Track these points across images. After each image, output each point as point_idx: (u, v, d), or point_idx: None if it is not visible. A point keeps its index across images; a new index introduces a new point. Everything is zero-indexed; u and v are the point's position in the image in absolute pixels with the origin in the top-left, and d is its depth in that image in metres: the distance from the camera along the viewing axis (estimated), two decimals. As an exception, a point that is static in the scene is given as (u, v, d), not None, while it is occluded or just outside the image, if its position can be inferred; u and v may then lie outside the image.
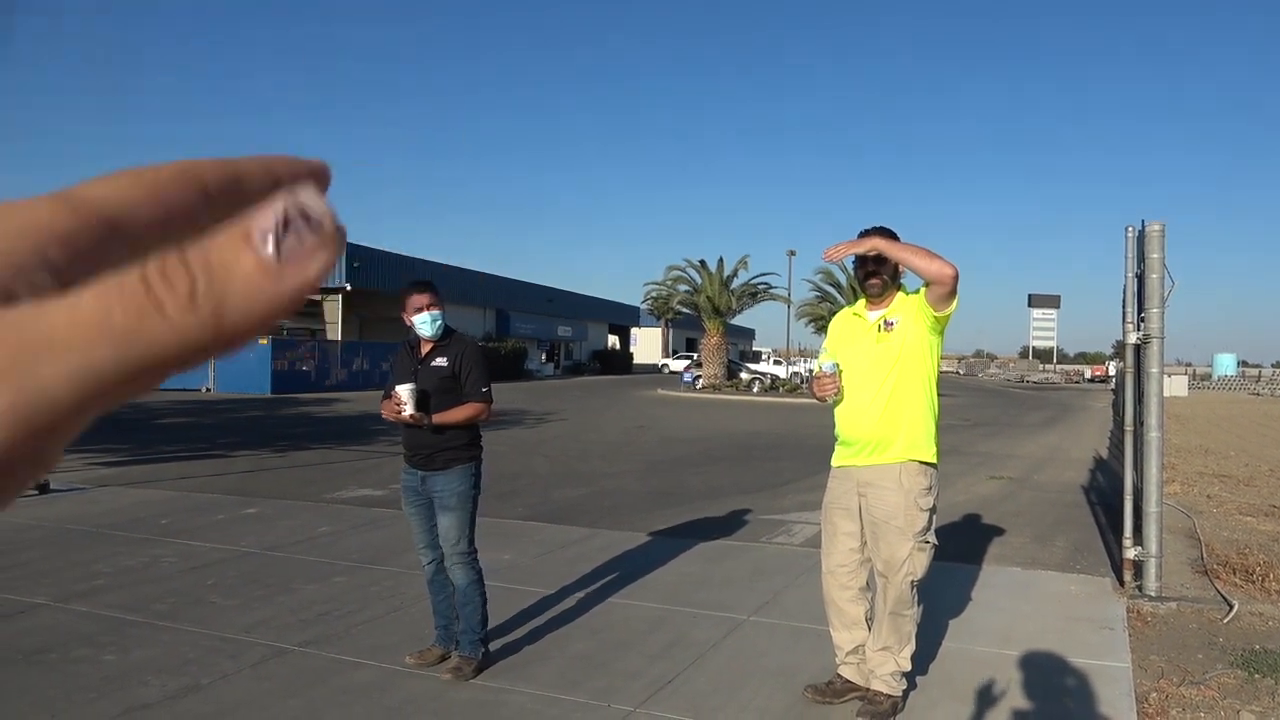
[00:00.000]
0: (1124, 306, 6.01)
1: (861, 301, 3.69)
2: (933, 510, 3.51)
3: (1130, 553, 5.47)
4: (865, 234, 3.54)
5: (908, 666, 3.53)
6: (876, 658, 3.52)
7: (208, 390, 28.43)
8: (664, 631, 4.51)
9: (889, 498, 3.46)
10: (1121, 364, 6.47)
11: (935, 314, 3.39)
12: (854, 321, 3.67)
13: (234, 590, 5.12)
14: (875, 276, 3.55)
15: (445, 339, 4.05)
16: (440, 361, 3.99)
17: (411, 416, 3.83)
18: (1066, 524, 7.79)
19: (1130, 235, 5.85)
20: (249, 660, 3.98)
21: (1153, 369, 5.44)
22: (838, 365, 3.61)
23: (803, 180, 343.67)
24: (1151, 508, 5.36)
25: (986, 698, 3.71)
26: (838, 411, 3.63)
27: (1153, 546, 5.33)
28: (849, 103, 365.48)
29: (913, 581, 3.47)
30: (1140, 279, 5.55)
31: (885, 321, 3.51)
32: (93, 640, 4.21)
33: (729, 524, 7.49)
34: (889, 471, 3.46)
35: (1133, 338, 5.64)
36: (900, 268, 3.53)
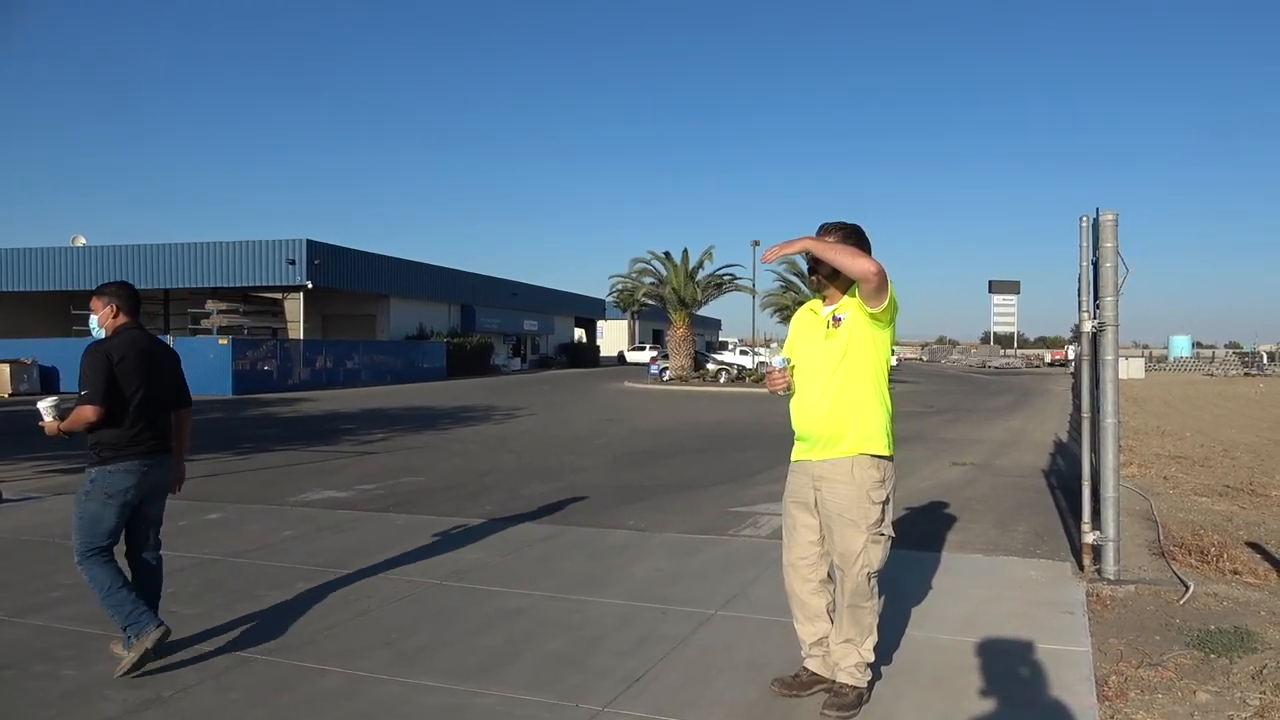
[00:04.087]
0: (1079, 295, 6.10)
1: (819, 298, 3.73)
2: (886, 502, 3.53)
3: (1089, 537, 5.58)
4: (823, 229, 3.59)
5: (871, 658, 3.56)
6: (839, 650, 3.56)
7: (167, 392, 27.92)
8: (633, 628, 4.52)
9: (841, 491, 3.49)
10: (1080, 348, 6.59)
11: (869, 310, 3.44)
12: (809, 317, 3.71)
13: (196, 598, 5.04)
14: (813, 273, 3.64)
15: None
16: None
17: (45, 425, 3.99)
18: (1028, 509, 7.93)
19: (1085, 224, 5.94)
20: (212, 671, 3.93)
21: (1108, 356, 5.54)
22: (788, 360, 3.69)
23: (766, 169, 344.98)
24: (1109, 493, 5.47)
25: (951, 685, 3.77)
26: (791, 406, 3.68)
27: (1110, 531, 5.44)
28: (811, 90, 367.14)
29: (869, 574, 3.49)
30: (1095, 267, 5.64)
31: (834, 318, 3.56)
32: (51, 655, 4.13)
33: (697, 517, 7.51)
34: (841, 465, 3.50)
35: (1088, 325, 5.73)
36: None
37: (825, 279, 3.60)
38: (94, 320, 4.21)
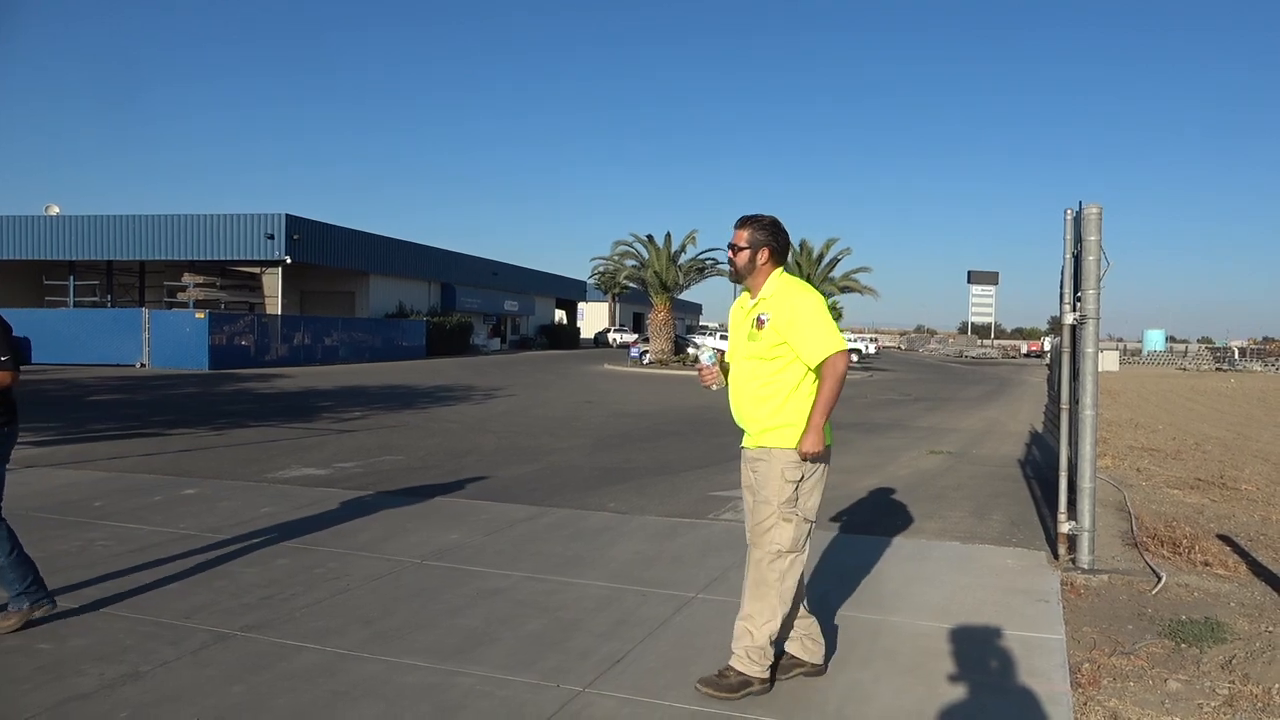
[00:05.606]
0: (1061, 287, 6.15)
1: (745, 290, 3.75)
2: (800, 483, 3.52)
3: (1064, 527, 5.65)
4: (740, 222, 3.66)
5: (765, 646, 3.51)
6: (736, 628, 3.57)
7: (142, 365, 27.64)
8: (613, 610, 4.53)
9: (762, 470, 3.57)
10: (1057, 339, 6.66)
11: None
12: (738, 312, 3.75)
13: (172, 574, 5.00)
14: (731, 265, 3.72)
15: None
16: None
17: None
18: (1003, 498, 8.01)
19: (1069, 217, 5.97)
20: (189, 646, 3.90)
21: (1088, 349, 5.59)
22: (715, 355, 3.76)
23: (749, 155, 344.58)
24: (1085, 483, 5.53)
25: (929, 670, 3.81)
26: (729, 397, 3.72)
27: (1086, 521, 5.51)
28: (792, 76, 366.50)
29: (777, 551, 3.50)
30: (1078, 260, 5.68)
31: (758, 318, 3.58)
32: (25, 629, 4.08)
33: (677, 500, 7.54)
34: (764, 452, 3.57)
35: (1070, 318, 5.78)
36: (759, 252, 3.61)
37: (740, 273, 3.67)
38: None
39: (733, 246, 3.66)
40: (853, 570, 5.37)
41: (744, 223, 3.65)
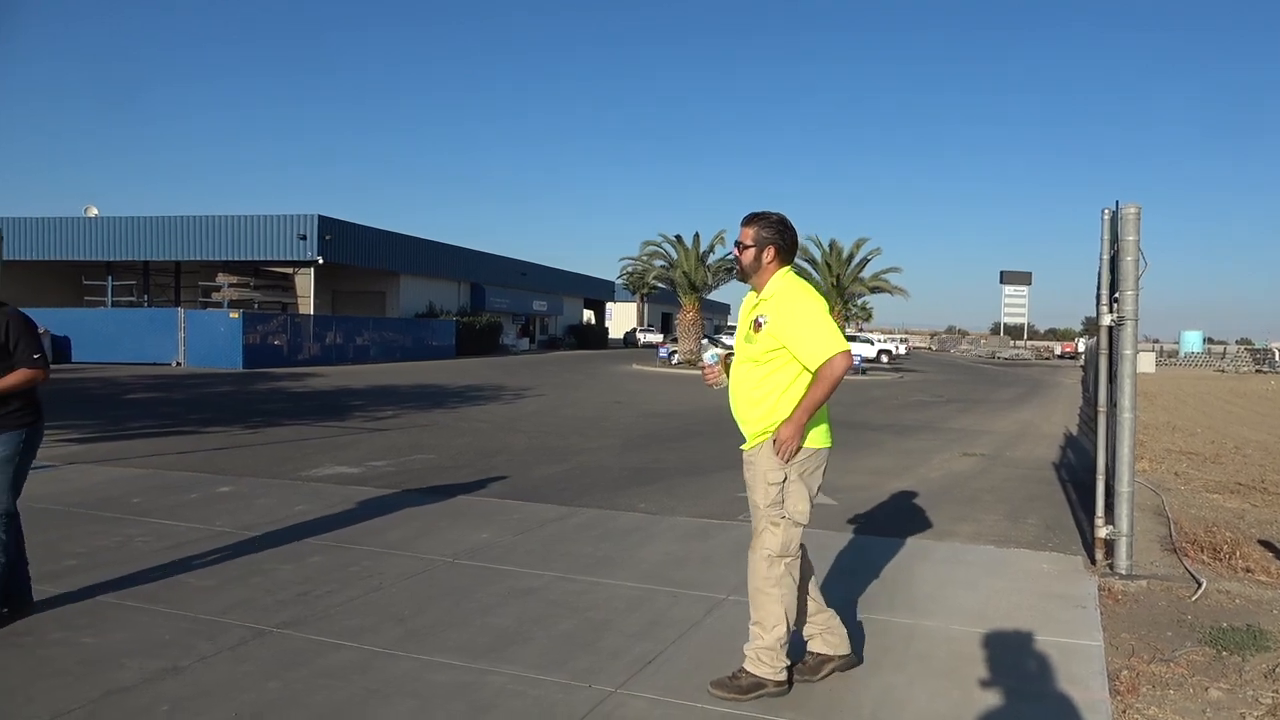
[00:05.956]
0: (1098, 288, 6.05)
1: (752, 289, 3.73)
2: (781, 486, 3.48)
3: (1102, 531, 5.56)
4: (747, 219, 3.63)
5: (777, 649, 3.47)
6: (750, 630, 3.56)
7: (178, 364, 28.06)
8: (644, 611, 4.53)
9: (750, 472, 3.58)
10: (1091, 340, 6.57)
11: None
12: (744, 312, 3.73)
13: (210, 571, 5.07)
14: (736, 263, 3.70)
15: None
16: None
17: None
18: (1038, 501, 7.91)
19: (1105, 217, 5.88)
20: (227, 642, 3.95)
21: (1126, 350, 5.50)
22: (719, 355, 3.75)
23: (782, 154, 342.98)
24: (1123, 487, 5.44)
25: (964, 675, 3.77)
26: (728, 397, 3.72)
27: (1124, 525, 5.42)
28: (823, 76, 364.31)
29: (767, 556, 3.48)
30: (1115, 260, 5.60)
31: (756, 320, 3.55)
32: (68, 623, 4.16)
33: (707, 501, 7.52)
34: (754, 454, 3.57)
35: (1107, 319, 5.69)
36: (765, 250, 3.57)
37: (746, 271, 3.64)
38: None
39: (738, 244, 3.62)
40: (885, 573, 5.33)
41: (750, 220, 3.61)
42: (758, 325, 3.54)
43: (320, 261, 33.31)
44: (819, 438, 3.54)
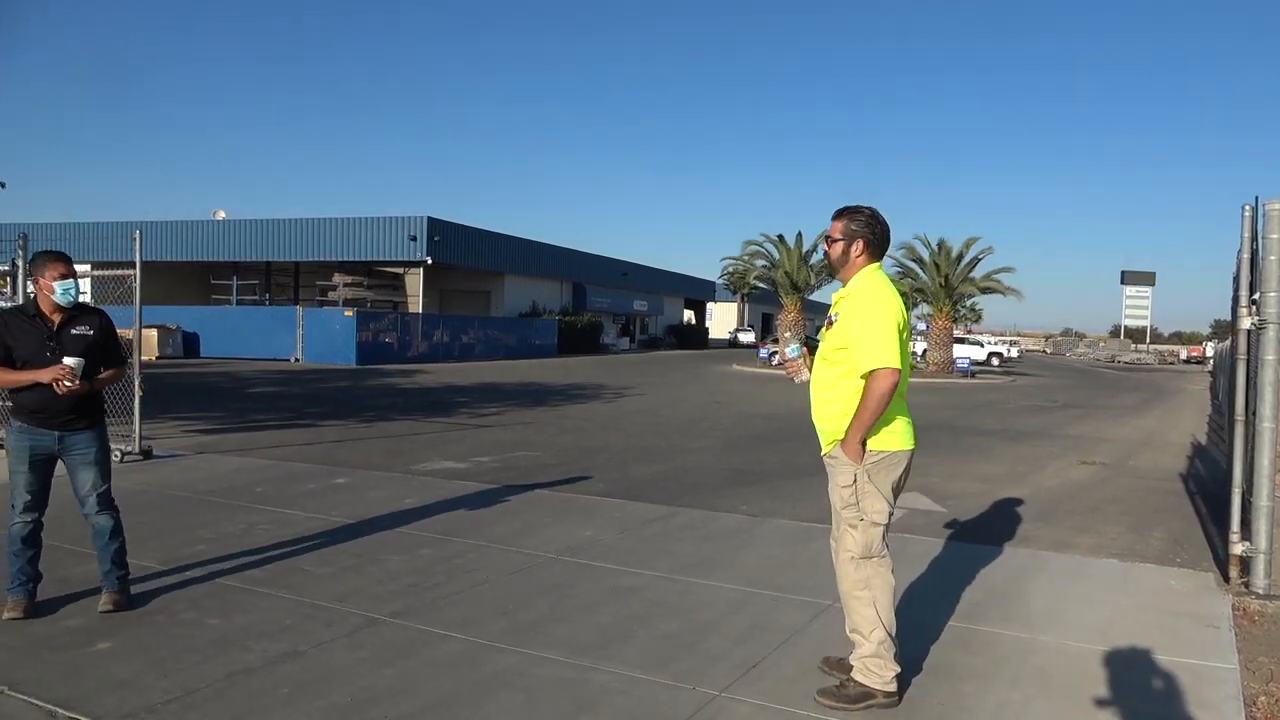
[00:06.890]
0: (1235, 289, 5.70)
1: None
2: (853, 488, 3.38)
3: (1237, 548, 5.22)
4: (838, 213, 3.55)
5: (878, 652, 3.38)
6: (852, 639, 3.48)
7: (296, 360, 29.37)
8: (747, 614, 4.48)
9: (829, 475, 3.52)
10: (1222, 344, 6.17)
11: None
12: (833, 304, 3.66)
13: (326, 559, 5.28)
14: (825, 257, 3.67)
15: (77, 307, 4.22)
16: (83, 329, 4.20)
17: (81, 385, 4.09)
18: (1165, 513, 7.49)
19: (1246, 214, 5.52)
20: (343, 629, 4.10)
21: (1268, 356, 5.14)
22: (801, 349, 3.69)
23: (899, 157, 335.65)
24: (1262, 501, 5.10)
25: (1084, 696, 3.59)
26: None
27: (1262, 542, 5.08)
28: (932, 77, 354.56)
29: (851, 558, 3.42)
30: (1255, 260, 5.24)
31: (831, 317, 3.50)
32: (197, 604, 4.40)
33: (809, 504, 7.40)
34: (829, 457, 3.52)
35: (1246, 322, 5.34)
36: (854, 244, 3.48)
37: (834, 266, 3.59)
38: (73, 284, 4.14)
39: (828, 238, 3.56)
40: (997, 584, 5.13)
41: (841, 214, 3.53)
42: (830, 322, 3.51)
43: (429, 262, 34.35)
44: (891, 439, 3.41)
